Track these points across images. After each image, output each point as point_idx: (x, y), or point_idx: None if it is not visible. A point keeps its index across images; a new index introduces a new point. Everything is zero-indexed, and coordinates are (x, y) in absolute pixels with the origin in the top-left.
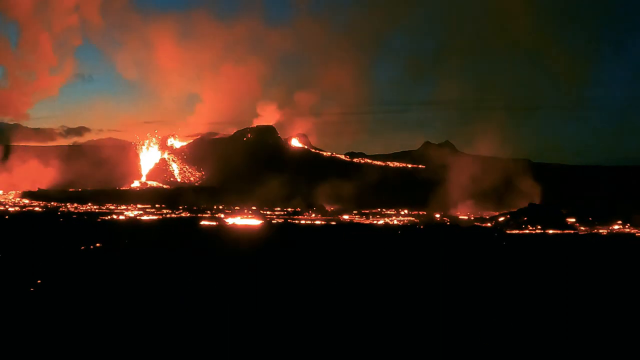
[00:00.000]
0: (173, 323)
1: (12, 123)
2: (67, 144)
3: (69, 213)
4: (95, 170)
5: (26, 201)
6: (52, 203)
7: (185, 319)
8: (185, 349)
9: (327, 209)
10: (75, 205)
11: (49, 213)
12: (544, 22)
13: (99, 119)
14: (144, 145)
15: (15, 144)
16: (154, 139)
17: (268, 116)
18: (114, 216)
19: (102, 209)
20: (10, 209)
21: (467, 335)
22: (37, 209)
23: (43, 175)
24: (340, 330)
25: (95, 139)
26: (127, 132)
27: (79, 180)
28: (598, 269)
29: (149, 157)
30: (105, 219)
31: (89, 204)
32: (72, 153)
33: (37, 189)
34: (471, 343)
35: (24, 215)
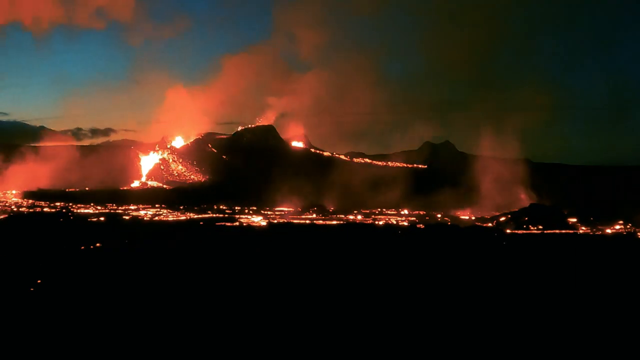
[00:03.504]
0: (172, 322)
1: (37, 125)
2: (82, 145)
3: (81, 214)
4: (101, 171)
5: (23, 201)
6: (59, 203)
7: (184, 318)
8: (184, 348)
9: (327, 208)
10: (79, 205)
11: (55, 214)
12: (545, 23)
13: (115, 119)
14: (152, 149)
15: (34, 144)
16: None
17: (268, 116)
18: (119, 216)
19: (117, 210)
20: (22, 209)
21: (467, 333)
22: (45, 209)
23: (46, 175)
24: (342, 328)
25: (111, 140)
26: (138, 132)
27: (83, 181)
28: (600, 269)
29: (149, 157)
30: (120, 219)
31: (92, 204)
32: (83, 154)
33: (36, 189)
34: (471, 341)
35: (28, 216)
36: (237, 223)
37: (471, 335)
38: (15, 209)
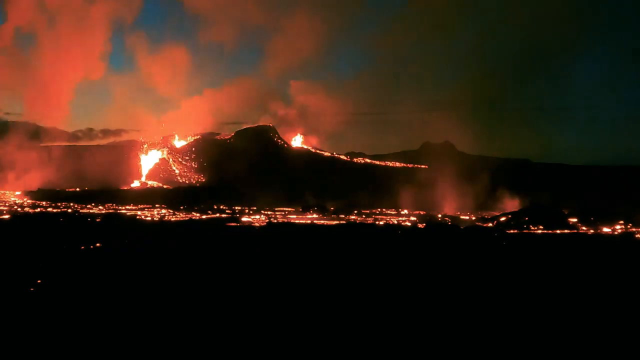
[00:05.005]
0: (172, 322)
1: (49, 126)
2: (82, 145)
3: (81, 213)
4: (101, 171)
5: (24, 201)
6: (59, 203)
7: (184, 318)
8: (184, 348)
9: (327, 208)
10: (79, 205)
11: (56, 214)
12: (545, 24)
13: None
14: (146, 145)
15: (42, 144)
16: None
17: (269, 116)
18: (119, 216)
19: (117, 209)
20: (24, 209)
21: (467, 334)
22: (48, 209)
23: (47, 176)
24: (342, 329)
25: (117, 140)
26: (141, 131)
27: (83, 181)
28: (600, 269)
29: (149, 157)
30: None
31: (92, 204)
32: (84, 154)
33: (36, 189)
34: (471, 342)
35: (30, 216)
36: (238, 223)
37: (472, 334)
38: (18, 209)
